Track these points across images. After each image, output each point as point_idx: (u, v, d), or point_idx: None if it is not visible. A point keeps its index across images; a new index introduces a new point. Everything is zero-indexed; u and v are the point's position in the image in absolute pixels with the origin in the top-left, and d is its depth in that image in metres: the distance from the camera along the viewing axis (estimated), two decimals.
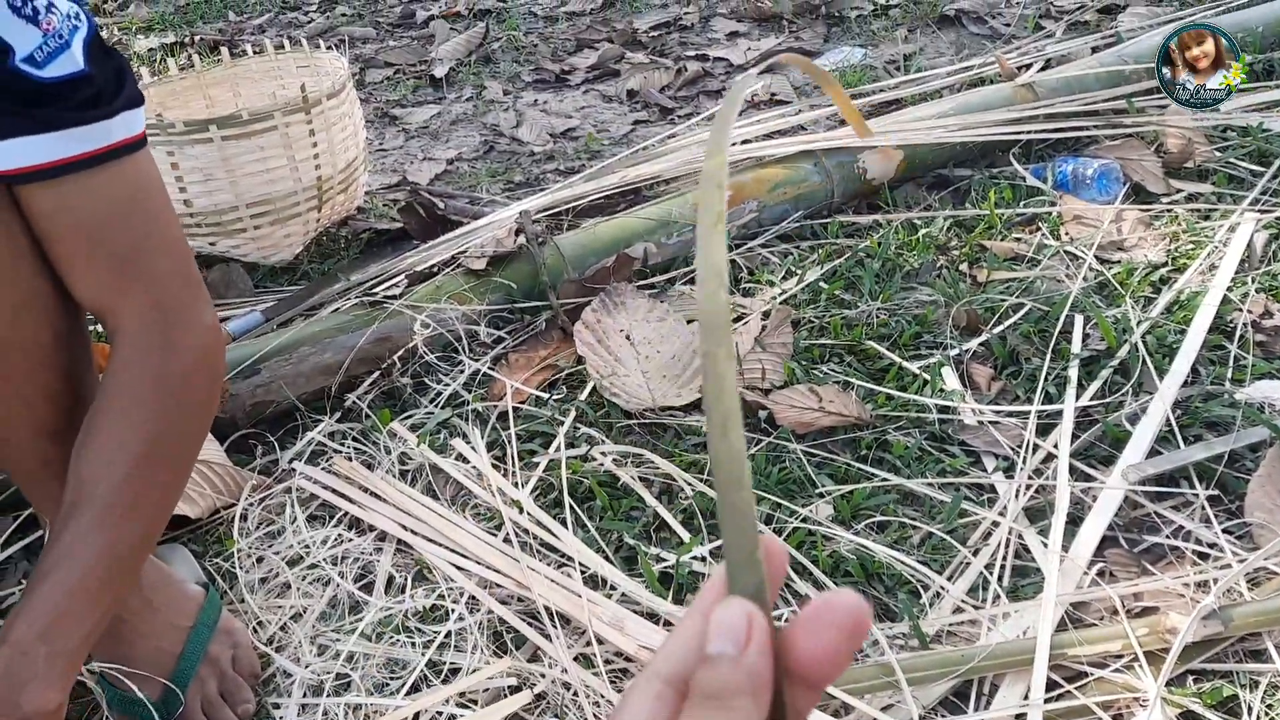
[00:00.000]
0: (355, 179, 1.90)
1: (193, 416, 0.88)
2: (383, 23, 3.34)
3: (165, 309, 0.85)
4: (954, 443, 1.26)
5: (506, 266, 1.55)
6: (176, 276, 0.87)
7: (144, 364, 0.85)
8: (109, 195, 0.82)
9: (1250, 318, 1.39)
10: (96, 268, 0.83)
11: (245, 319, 1.54)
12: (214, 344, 0.90)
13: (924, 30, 2.73)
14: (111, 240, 0.82)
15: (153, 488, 0.85)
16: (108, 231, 0.82)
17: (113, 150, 0.81)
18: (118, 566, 0.82)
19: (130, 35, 3.37)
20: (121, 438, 0.83)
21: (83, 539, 0.80)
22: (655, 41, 2.91)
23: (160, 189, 0.87)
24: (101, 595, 0.81)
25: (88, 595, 0.80)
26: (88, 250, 0.82)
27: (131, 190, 0.84)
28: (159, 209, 0.87)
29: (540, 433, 1.34)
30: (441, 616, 1.10)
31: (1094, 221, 1.65)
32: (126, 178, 0.83)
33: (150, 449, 0.84)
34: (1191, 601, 1.00)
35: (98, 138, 0.80)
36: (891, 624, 1.04)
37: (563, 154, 2.24)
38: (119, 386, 0.84)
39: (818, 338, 1.45)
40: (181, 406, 0.86)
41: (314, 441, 1.35)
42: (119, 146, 0.82)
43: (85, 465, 0.82)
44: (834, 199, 1.77)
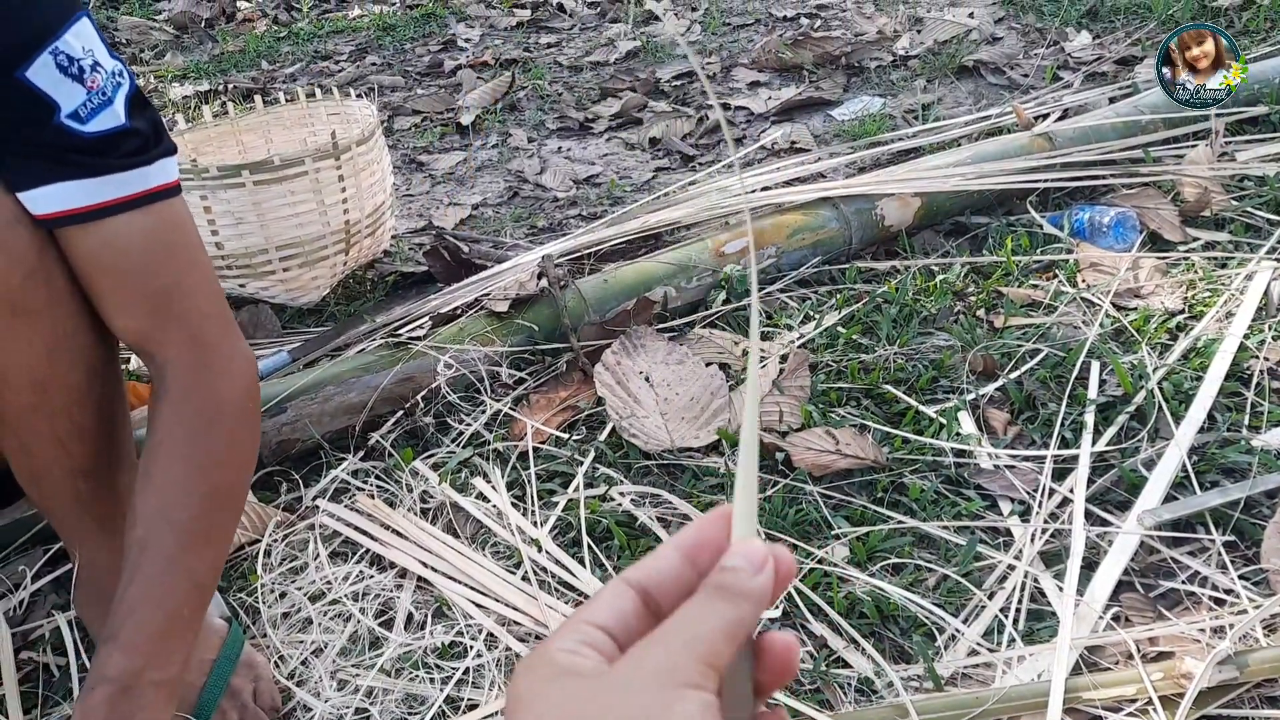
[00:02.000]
0: (382, 223, 1.94)
1: (244, 444, 0.93)
2: (411, 72, 3.41)
3: (206, 344, 0.89)
4: (970, 486, 1.27)
5: (529, 309, 1.58)
6: (214, 313, 0.91)
7: (193, 398, 0.89)
8: (147, 236, 0.85)
9: (1267, 365, 1.40)
10: (137, 305, 0.86)
11: (273, 359, 1.57)
12: (253, 373, 0.95)
13: (942, 80, 2.77)
14: (151, 279, 0.86)
15: (220, 516, 0.90)
16: (147, 271, 0.86)
17: (150, 194, 0.85)
18: (198, 594, 0.87)
19: (166, 83, 3.46)
20: (184, 474, 0.87)
21: (167, 572, 0.84)
22: (677, 91, 2.96)
23: (194, 232, 0.91)
24: (192, 622, 0.86)
25: (181, 623, 0.84)
26: (128, 288, 0.86)
27: (168, 232, 0.87)
28: (194, 250, 0.90)
29: (560, 473, 1.36)
30: (460, 653, 1.11)
31: (1111, 269, 1.66)
32: (163, 220, 0.87)
33: (213, 483, 0.88)
34: (1207, 647, 1.00)
35: (136, 183, 0.84)
36: (906, 666, 1.04)
37: (585, 200, 2.27)
38: (172, 423, 0.88)
39: (835, 381, 1.47)
40: (234, 436, 0.91)
41: (338, 479, 1.38)
42: (156, 191, 0.85)
43: (152, 503, 0.86)
44: (852, 245, 1.79)
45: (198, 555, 0.86)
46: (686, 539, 0.38)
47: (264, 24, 4.28)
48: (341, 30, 4.04)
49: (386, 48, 3.73)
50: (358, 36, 3.91)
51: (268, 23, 4.30)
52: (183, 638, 0.85)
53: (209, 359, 0.90)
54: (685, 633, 0.33)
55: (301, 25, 4.17)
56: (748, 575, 0.35)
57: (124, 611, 0.83)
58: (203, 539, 0.87)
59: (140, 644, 0.81)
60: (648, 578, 0.37)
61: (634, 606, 0.36)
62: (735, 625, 0.34)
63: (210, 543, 0.88)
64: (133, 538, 0.85)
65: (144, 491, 0.86)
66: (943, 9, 3.41)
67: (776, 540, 1.20)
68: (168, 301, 0.87)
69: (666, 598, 0.36)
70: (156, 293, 0.87)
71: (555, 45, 3.59)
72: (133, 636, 0.81)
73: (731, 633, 0.34)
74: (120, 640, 0.81)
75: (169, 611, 0.83)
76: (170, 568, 0.84)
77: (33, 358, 0.85)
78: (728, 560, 0.35)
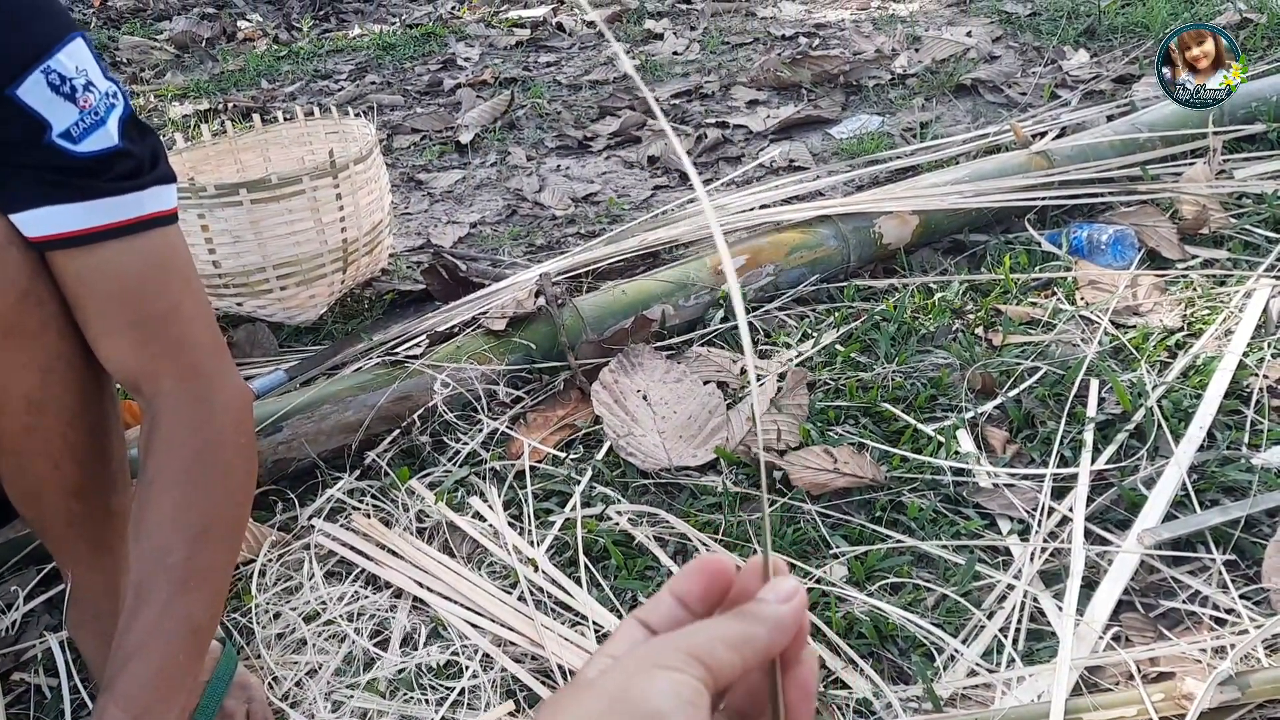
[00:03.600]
0: (380, 241, 1.94)
1: (239, 479, 0.90)
2: (411, 90, 3.42)
3: (199, 375, 0.88)
4: (969, 505, 1.26)
5: (526, 327, 1.58)
6: (207, 343, 0.90)
7: (185, 432, 0.87)
8: (140, 264, 0.84)
9: (1267, 383, 1.39)
10: (126, 334, 0.85)
11: (269, 377, 1.57)
12: (246, 405, 0.93)
13: (940, 99, 2.77)
14: (141, 307, 0.85)
15: (215, 555, 0.87)
16: (138, 299, 0.85)
17: (143, 221, 0.84)
18: (195, 638, 0.84)
19: (166, 102, 3.47)
20: (177, 512, 0.85)
21: (162, 617, 0.82)
22: (676, 109, 2.97)
23: (189, 263, 0.90)
24: (189, 667, 0.83)
25: (178, 670, 0.82)
26: (118, 315, 0.85)
27: (162, 260, 0.86)
28: (188, 280, 0.89)
29: (557, 491, 1.35)
30: (456, 673, 1.10)
31: (1109, 287, 1.66)
32: (157, 248, 0.86)
33: (207, 521, 0.86)
34: (1208, 667, 1.00)
35: (129, 208, 0.83)
36: (905, 686, 1.04)
37: (584, 218, 2.27)
38: (164, 459, 0.86)
39: (833, 399, 1.46)
40: (228, 471, 0.88)
41: (333, 499, 1.37)
42: (150, 219, 0.84)
43: (145, 545, 0.84)
44: (850, 263, 1.79)
45: (193, 597, 0.84)
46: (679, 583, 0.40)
47: (264, 43, 4.30)
48: (341, 49, 4.05)
49: (386, 67, 3.75)
50: (357, 55, 3.93)
51: (268, 42, 4.31)
52: (179, 685, 0.83)
53: (202, 391, 0.88)
54: (680, 634, 0.36)
55: (302, 44, 4.18)
56: (770, 604, 0.37)
57: (120, 659, 0.81)
58: (198, 580, 0.85)
59: (135, 695, 0.80)
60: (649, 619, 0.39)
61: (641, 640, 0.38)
62: (740, 637, 0.36)
63: (206, 583, 0.86)
64: (130, 581, 0.84)
65: (137, 532, 0.85)
66: (940, 28, 3.42)
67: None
68: (159, 331, 0.86)
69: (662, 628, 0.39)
70: (147, 321, 0.85)
71: (554, 64, 3.60)
72: (128, 688, 0.80)
73: (733, 643, 0.36)
74: (115, 692, 0.80)
75: (164, 660, 0.81)
76: (165, 612, 0.82)
77: (27, 379, 0.85)
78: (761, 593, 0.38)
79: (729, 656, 0.35)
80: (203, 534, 0.86)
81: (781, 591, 0.38)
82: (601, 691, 0.34)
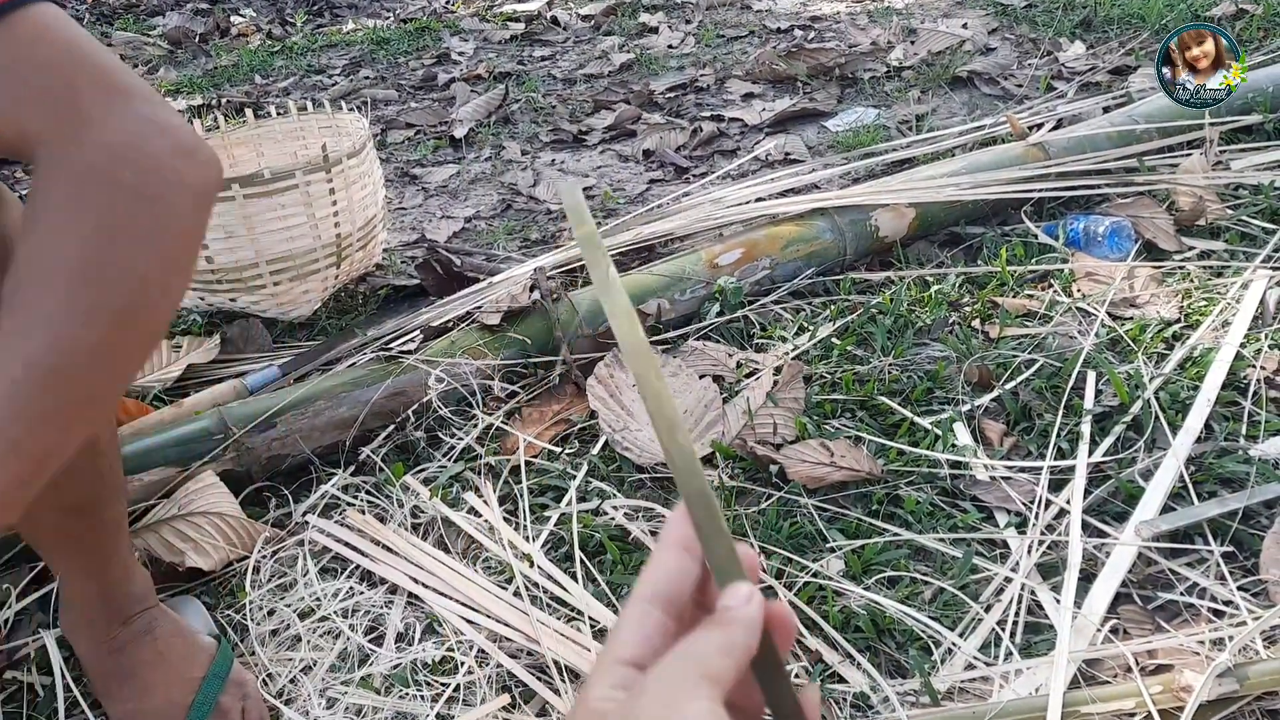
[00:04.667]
0: (374, 236, 1.93)
1: (135, 216, 0.66)
2: (405, 85, 3.41)
3: (82, 108, 0.67)
4: (966, 498, 1.25)
5: (521, 322, 1.57)
6: (85, 84, 0.69)
7: (62, 166, 0.66)
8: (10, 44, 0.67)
9: (1264, 374, 1.39)
10: (9, 113, 0.67)
11: (262, 373, 1.56)
12: (149, 133, 0.68)
13: (936, 91, 2.76)
14: (22, 79, 0.67)
15: (101, 304, 0.64)
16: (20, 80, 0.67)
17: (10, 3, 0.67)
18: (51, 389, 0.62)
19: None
20: (51, 247, 0.64)
21: (7, 349, 0.62)
22: (671, 103, 2.96)
23: (71, 29, 0.71)
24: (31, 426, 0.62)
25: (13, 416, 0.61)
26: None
27: (34, 32, 0.68)
28: (70, 41, 0.70)
29: (552, 487, 1.35)
30: (451, 670, 1.10)
31: (1106, 278, 1.65)
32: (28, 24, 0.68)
33: (89, 254, 0.64)
34: (1206, 659, 0.99)
35: None
36: (903, 680, 1.03)
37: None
38: (38, 202, 0.66)
39: (830, 393, 1.46)
40: (114, 200, 0.66)
41: (328, 495, 1.36)
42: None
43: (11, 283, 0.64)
44: (846, 256, 1.78)
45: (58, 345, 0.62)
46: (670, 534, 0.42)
47: (258, 38, 4.28)
48: (335, 44, 4.04)
49: (380, 61, 3.73)
50: (351, 50, 3.91)
51: (262, 37, 4.30)
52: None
53: (84, 123, 0.67)
54: (687, 655, 0.38)
55: (295, 39, 4.17)
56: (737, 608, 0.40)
57: None
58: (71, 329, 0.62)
59: None
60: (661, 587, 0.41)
61: (657, 623, 0.40)
62: (728, 645, 0.39)
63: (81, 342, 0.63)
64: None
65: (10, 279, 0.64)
66: (936, 20, 3.42)
67: (772, 554, 1.18)
68: (43, 92, 0.67)
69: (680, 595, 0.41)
70: (30, 89, 0.67)
71: (549, 58, 3.59)
72: None
73: (725, 649, 0.39)
74: None
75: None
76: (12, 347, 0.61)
77: None
78: (721, 601, 0.40)
79: (725, 664, 0.38)
80: (80, 270, 0.63)
81: (740, 596, 0.40)
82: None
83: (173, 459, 1.34)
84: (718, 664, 0.38)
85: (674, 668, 0.38)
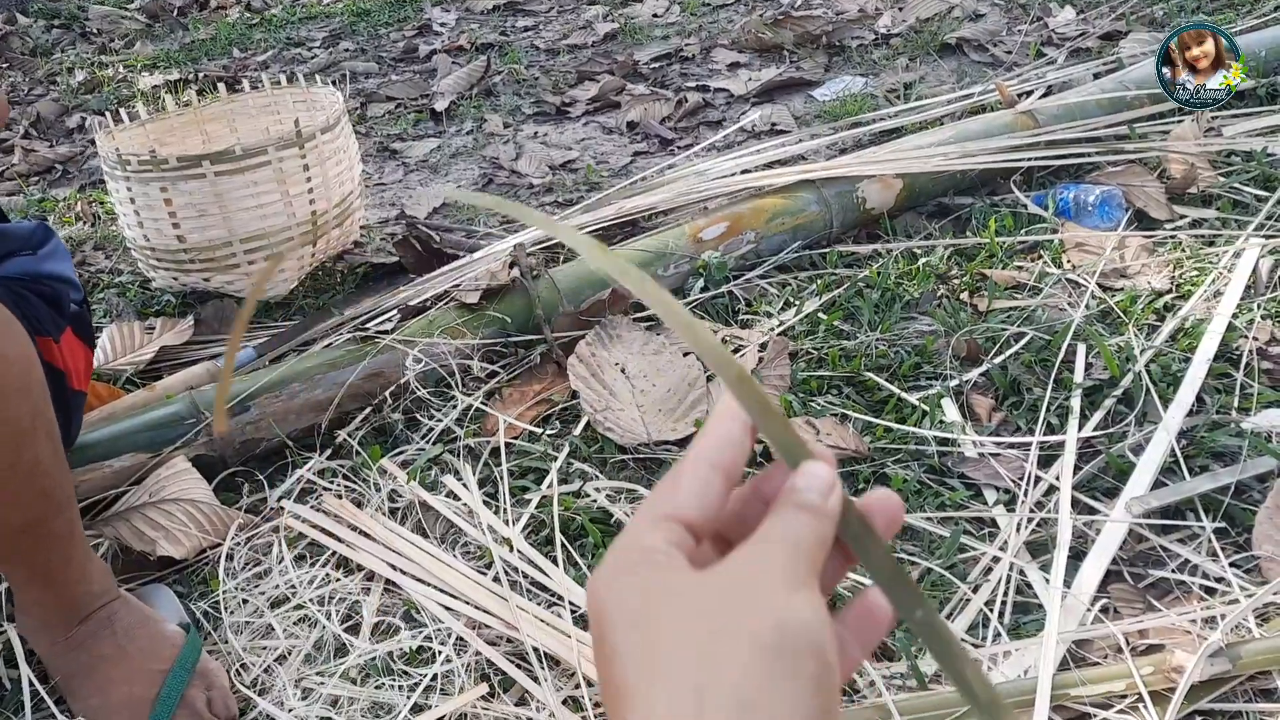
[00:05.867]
0: (351, 213, 1.89)
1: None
2: (385, 58, 3.36)
3: None
4: (954, 475, 1.23)
5: (500, 300, 1.54)
6: None
7: None
8: None
9: (1256, 345, 1.36)
10: None
11: (238, 355, 1.53)
12: None
13: (925, 59, 2.72)
14: None
15: None
16: None
17: None
18: None
19: (135, 73, 3.39)
20: None
21: None
22: (656, 73, 2.91)
23: None
24: None
25: None
26: None
27: None
28: None
29: (533, 469, 1.32)
30: (429, 658, 1.07)
31: (1096, 249, 1.62)
32: None
33: None
34: (1198, 638, 0.97)
35: None
36: (890, 664, 1.01)
37: (561, 186, 2.23)
38: None
39: (816, 369, 1.43)
40: None
41: (303, 479, 1.33)
42: None
43: None
44: (833, 229, 1.75)
45: None
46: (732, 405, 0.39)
47: (236, 11, 4.22)
48: (315, 16, 3.97)
49: (360, 33, 3.68)
50: (331, 22, 3.85)
51: (240, 10, 4.23)
52: None
53: None
54: (787, 540, 0.35)
55: (274, 12, 4.10)
56: (819, 497, 0.36)
57: None
58: None
59: None
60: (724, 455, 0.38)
61: (718, 491, 0.37)
62: (823, 538, 0.36)
63: None
64: None
65: None
66: None
67: None
68: None
69: (737, 469, 0.38)
70: None
71: (532, 28, 3.54)
72: None
73: (823, 543, 0.36)
74: None
75: None
76: None
77: None
78: (799, 481, 0.37)
79: (821, 557, 0.36)
80: None
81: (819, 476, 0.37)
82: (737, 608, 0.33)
83: (144, 444, 1.31)
84: (816, 554, 0.36)
85: (768, 551, 0.35)
